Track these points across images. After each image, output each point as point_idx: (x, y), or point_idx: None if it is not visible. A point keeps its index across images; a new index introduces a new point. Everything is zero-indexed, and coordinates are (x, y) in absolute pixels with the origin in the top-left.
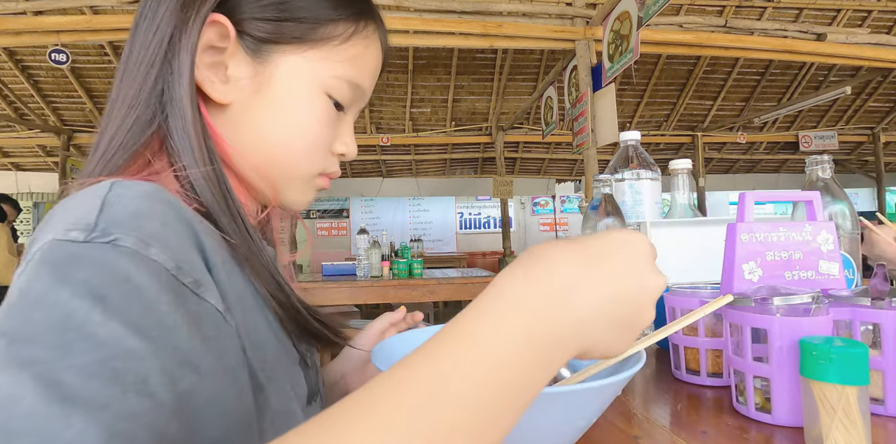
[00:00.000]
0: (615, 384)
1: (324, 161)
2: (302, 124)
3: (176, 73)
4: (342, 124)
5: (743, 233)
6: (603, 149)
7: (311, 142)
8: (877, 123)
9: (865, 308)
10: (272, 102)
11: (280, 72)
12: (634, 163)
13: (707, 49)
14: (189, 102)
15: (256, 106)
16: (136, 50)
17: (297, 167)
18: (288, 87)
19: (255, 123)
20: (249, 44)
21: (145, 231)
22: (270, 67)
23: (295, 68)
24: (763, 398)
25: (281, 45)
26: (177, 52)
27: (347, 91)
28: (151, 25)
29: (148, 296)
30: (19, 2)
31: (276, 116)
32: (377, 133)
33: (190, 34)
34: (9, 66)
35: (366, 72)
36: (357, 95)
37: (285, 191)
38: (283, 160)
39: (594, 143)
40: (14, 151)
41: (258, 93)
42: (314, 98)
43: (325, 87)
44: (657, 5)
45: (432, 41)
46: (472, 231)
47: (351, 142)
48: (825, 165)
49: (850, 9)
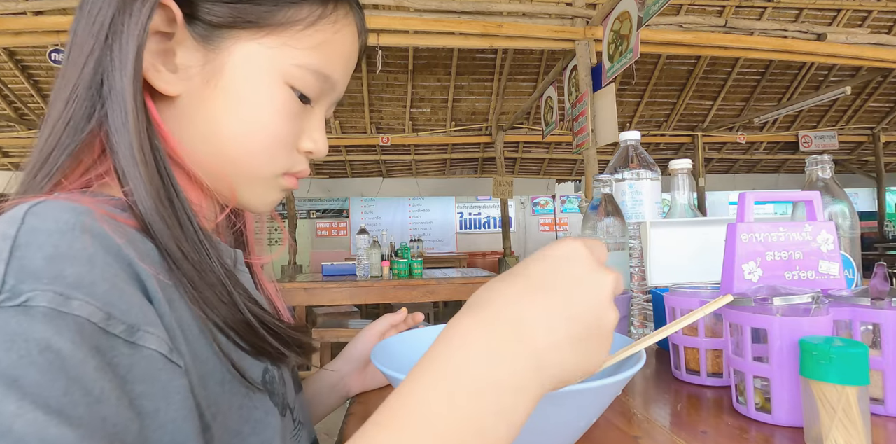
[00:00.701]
0: (615, 384)
1: (287, 159)
2: (259, 118)
3: (117, 60)
4: (310, 119)
5: (743, 233)
6: (603, 149)
7: (271, 137)
8: (877, 123)
9: (865, 308)
10: (226, 94)
11: (234, 59)
12: (634, 163)
13: (707, 49)
14: (131, 93)
15: (208, 98)
16: (78, 36)
17: (256, 165)
18: (242, 76)
19: (208, 116)
20: (200, 29)
21: (65, 280)
22: (223, 55)
23: (250, 56)
24: (763, 398)
25: (234, 30)
26: (118, 37)
27: (313, 81)
28: (94, 8)
29: (71, 365)
30: (19, 2)
31: (231, 108)
32: (377, 133)
33: (136, 17)
34: (9, 66)
35: (336, 60)
36: (326, 86)
37: (245, 191)
38: (240, 158)
39: (594, 143)
40: (14, 151)
41: (209, 83)
42: (273, 89)
43: (286, 76)
44: (657, 5)
45: (432, 41)
46: (472, 231)
47: (320, 138)
48: (825, 165)
49: (850, 9)
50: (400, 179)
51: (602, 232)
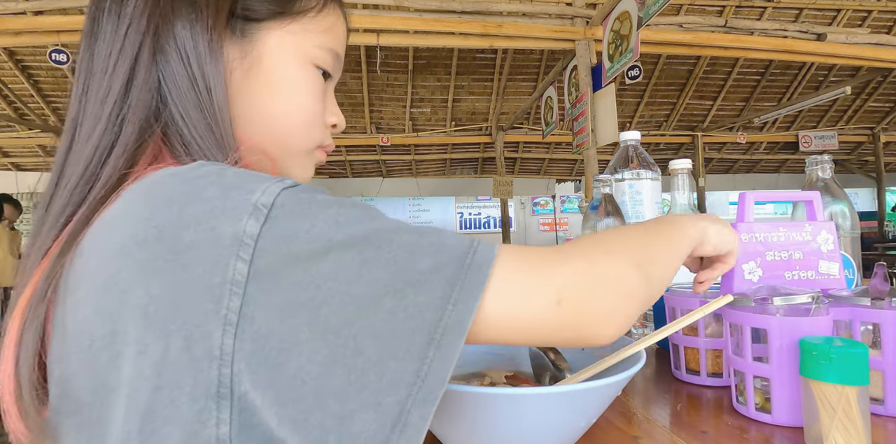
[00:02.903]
0: (615, 384)
1: (320, 133)
2: (298, 97)
3: (187, 62)
4: (327, 96)
5: (743, 233)
6: (603, 149)
7: (309, 114)
8: (877, 123)
9: (865, 308)
10: (265, 79)
11: (268, 48)
12: (634, 163)
13: (707, 49)
14: (222, 91)
15: (251, 85)
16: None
17: (297, 142)
18: (278, 62)
19: (252, 102)
20: (238, 25)
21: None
22: (258, 45)
23: (281, 43)
24: (763, 398)
25: (265, 21)
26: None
27: (330, 60)
28: (121, 23)
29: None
30: (19, 2)
31: (272, 92)
32: (377, 133)
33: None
34: (9, 66)
35: (340, 40)
36: (337, 63)
37: (288, 168)
38: (283, 136)
39: (594, 143)
40: (14, 151)
41: (250, 71)
42: (305, 70)
43: (312, 58)
44: (657, 5)
45: (432, 41)
46: (472, 231)
47: (338, 111)
48: (825, 165)
49: (850, 9)
50: (400, 179)
51: None
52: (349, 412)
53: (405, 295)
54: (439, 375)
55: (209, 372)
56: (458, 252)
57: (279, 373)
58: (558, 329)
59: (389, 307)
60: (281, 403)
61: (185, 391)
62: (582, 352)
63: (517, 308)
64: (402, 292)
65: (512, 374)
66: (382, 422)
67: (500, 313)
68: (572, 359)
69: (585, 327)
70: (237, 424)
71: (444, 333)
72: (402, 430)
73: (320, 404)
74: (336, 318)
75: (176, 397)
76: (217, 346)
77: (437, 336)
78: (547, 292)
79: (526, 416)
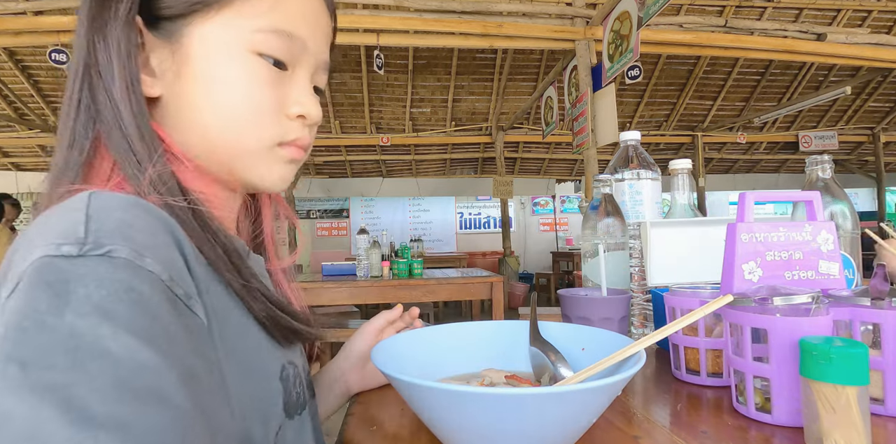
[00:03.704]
0: (615, 384)
1: (275, 127)
2: (236, 92)
3: (104, 78)
4: (292, 84)
5: (743, 233)
6: (603, 149)
7: (252, 107)
8: (877, 123)
9: (865, 308)
10: (198, 79)
11: (194, 45)
12: (634, 163)
13: (707, 49)
14: (127, 106)
15: (184, 88)
16: (73, 57)
17: (244, 140)
18: (206, 57)
19: (189, 105)
20: (161, 27)
21: (136, 242)
22: (185, 44)
23: (207, 36)
24: (763, 398)
25: (188, 17)
26: (96, 59)
27: (280, 43)
28: (78, 33)
29: (151, 305)
30: (19, 2)
31: (206, 90)
32: (377, 133)
33: (113, 40)
34: (9, 66)
35: (296, 17)
36: (294, 46)
37: (247, 170)
38: (227, 136)
39: (594, 143)
40: (14, 151)
41: (181, 72)
42: (241, 60)
43: (250, 45)
44: (657, 5)
45: (432, 41)
46: (472, 231)
47: (307, 101)
48: (825, 165)
49: (850, 9)
50: (400, 179)
51: (602, 232)
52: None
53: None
54: None
55: None
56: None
57: None
58: None
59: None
60: None
61: None
62: (582, 352)
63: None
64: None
65: (512, 374)
66: None
67: None
68: (572, 359)
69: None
70: None
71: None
72: None
73: None
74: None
75: None
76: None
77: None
78: None
79: (526, 416)
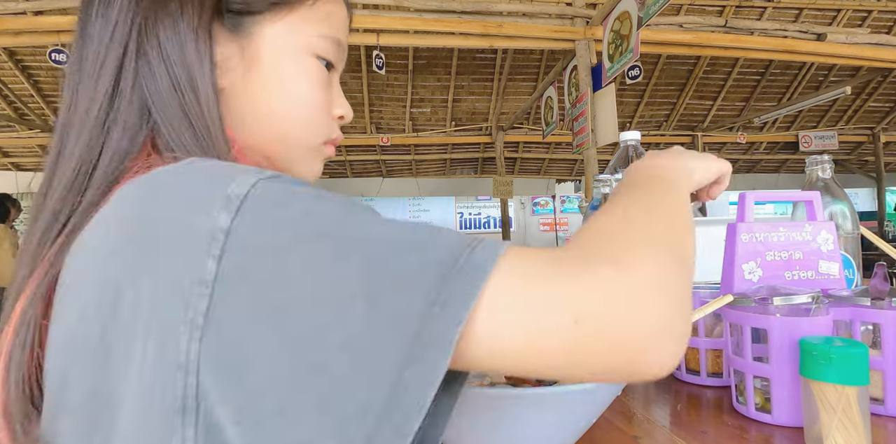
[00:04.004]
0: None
1: (327, 127)
2: (301, 91)
3: (172, 68)
4: (332, 86)
5: (743, 233)
6: (603, 149)
7: (315, 107)
8: (877, 123)
9: (865, 308)
10: (267, 76)
11: (266, 43)
12: None
13: (707, 49)
14: (209, 94)
15: (251, 82)
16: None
17: (305, 136)
18: (278, 55)
19: (255, 99)
20: (230, 21)
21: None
22: (256, 40)
23: (279, 35)
24: (763, 398)
25: (259, 14)
26: (159, 47)
27: (332, 48)
28: (106, 25)
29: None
30: (19, 2)
31: (273, 87)
32: (377, 133)
33: (192, 28)
34: (9, 66)
35: (341, 27)
36: (339, 51)
37: (296, 165)
38: (290, 131)
39: (594, 143)
40: (14, 151)
41: (251, 68)
42: (306, 61)
43: (312, 48)
44: (657, 5)
45: (432, 41)
46: (472, 231)
47: (345, 103)
48: (825, 165)
49: (850, 9)
50: (400, 179)
51: None
52: (308, 441)
53: (379, 300)
54: (416, 403)
55: (176, 382)
56: (452, 250)
57: (239, 385)
58: (579, 357)
59: (361, 314)
60: (238, 419)
61: (155, 404)
62: None
63: (519, 327)
64: (376, 296)
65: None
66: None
67: (495, 333)
68: None
69: (622, 353)
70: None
71: (425, 347)
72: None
73: (277, 428)
74: (301, 325)
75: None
76: (183, 352)
77: (414, 354)
78: (560, 306)
79: (526, 416)
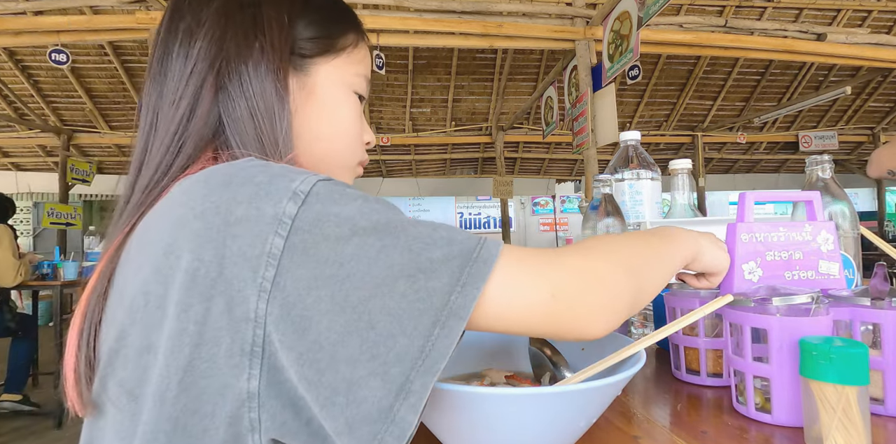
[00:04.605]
0: (615, 384)
1: (360, 150)
2: (344, 120)
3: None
4: (362, 117)
5: (743, 233)
6: (603, 149)
7: (353, 134)
8: (877, 123)
9: (865, 308)
10: (320, 106)
11: (319, 80)
12: (634, 163)
13: (707, 49)
14: (287, 123)
15: (306, 111)
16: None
17: (343, 158)
18: (329, 91)
19: (306, 125)
20: (294, 61)
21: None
22: (312, 77)
23: (330, 75)
24: (763, 398)
25: (315, 58)
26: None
27: (364, 85)
28: (188, 61)
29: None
30: (19, 2)
31: (323, 116)
32: (377, 133)
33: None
34: (9, 66)
35: (369, 67)
36: (367, 86)
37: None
38: (331, 152)
39: (594, 143)
40: (14, 151)
41: (308, 100)
42: (348, 96)
43: (352, 85)
44: (657, 5)
45: (432, 41)
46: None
47: (369, 130)
48: (825, 165)
49: (850, 9)
50: (400, 179)
51: (602, 232)
52: (358, 378)
53: (417, 280)
54: (441, 351)
55: (245, 332)
56: (468, 246)
57: (302, 337)
58: (551, 321)
59: (402, 289)
60: (301, 363)
61: (223, 348)
62: (582, 352)
63: (515, 299)
64: (415, 277)
65: (512, 374)
66: (388, 389)
67: (499, 303)
68: (572, 359)
69: (576, 320)
70: (265, 379)
71: (449, 316)
72: (406, 397)
73: (334, 367)
74: (355, 294)
75: (214, 353)
76: (252, 309)
77: (442, 318)
78: (543, 286)
79: (526, 416)
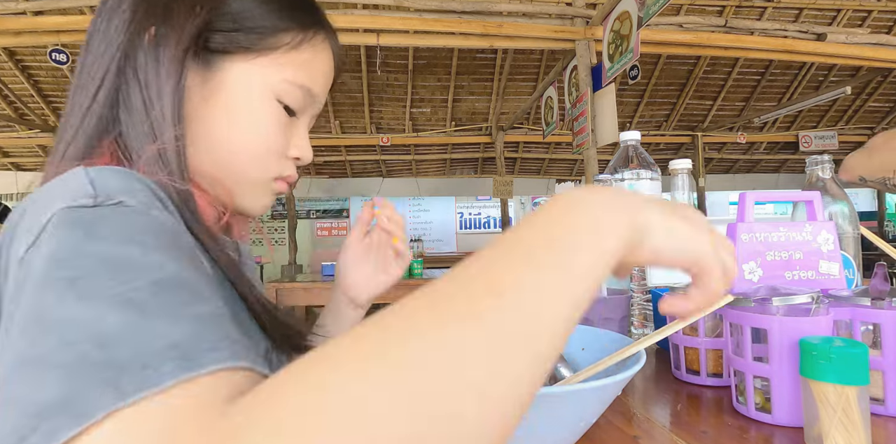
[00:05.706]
0: (615, 384)
1: (278, 165)
2: (253, 129)
3: (148, 85)
4: (295, 129)
5: (743, 233)
6: (603, 149)
7: (264, 146)
8: (877, 123)
9: (865, 308)
10: (224, 108)
11: (230, 78)
12: (634, 163)
13: (707, 49)
14: (171, 116)
15: (208, 113)
16: (90, 62)
17: (252, 171)
18: (238, 92)
19: (209, 129)
20: (202, 54)
21: (139, 198)
22: (220, 74)
23: (244, 74)
24: (763, 398)
25: (230, 54)
26: (136, 71)
27: (299, 95)
28: (103, 41)
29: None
30: (19, 2)
31: (230, 121)
32: (377, 133)
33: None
34: (9, 66)
35: (317, 77)
36: (308, 99)
37: (242, 196)
38: (236, 165)
39: (594, 143)
40: (14, 151)
41: (209, 99)
42: (265, 103)
43: (276, 92)
44: (657, 5)
45: (432, 41)
46: (472, 231)
47: (304, 145)
48: (825, 165)
49: (850, 9)
50: (400, 179)
51: None
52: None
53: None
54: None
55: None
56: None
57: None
58: None
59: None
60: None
61: None
62: (582, 352)
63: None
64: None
65: None
66: None
67: None
68: (572, 359)
69: None
70: None
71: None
72: None
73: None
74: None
75: None
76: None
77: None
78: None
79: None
